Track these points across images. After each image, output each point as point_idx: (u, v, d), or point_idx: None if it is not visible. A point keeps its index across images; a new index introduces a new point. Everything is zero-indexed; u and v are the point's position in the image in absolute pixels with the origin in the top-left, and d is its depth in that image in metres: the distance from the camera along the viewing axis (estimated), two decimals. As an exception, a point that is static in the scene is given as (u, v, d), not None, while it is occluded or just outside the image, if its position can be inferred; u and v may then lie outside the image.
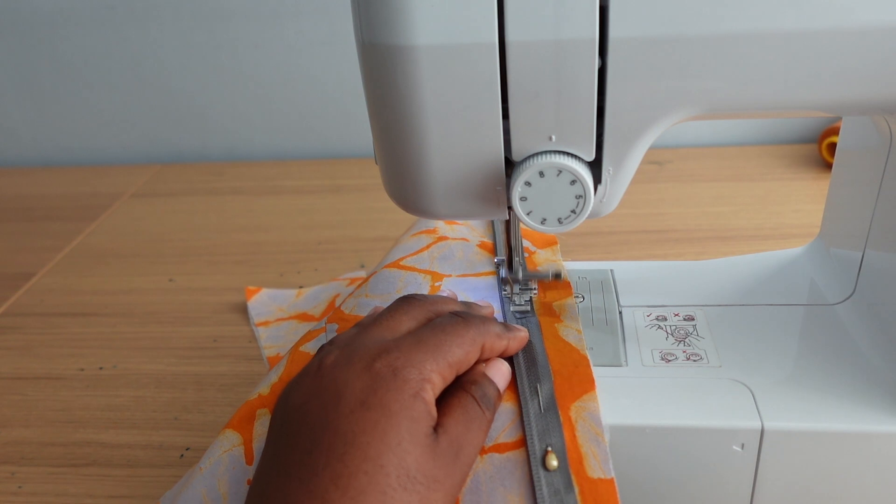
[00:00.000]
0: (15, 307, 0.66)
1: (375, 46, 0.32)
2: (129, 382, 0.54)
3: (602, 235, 0.70)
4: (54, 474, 0.46)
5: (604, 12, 0.30)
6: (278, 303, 0.61)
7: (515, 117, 0.33)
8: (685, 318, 0.44)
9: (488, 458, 0.34)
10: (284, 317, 0.59)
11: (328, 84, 0.94)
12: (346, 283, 0.63)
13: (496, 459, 0.34)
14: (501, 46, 0.31)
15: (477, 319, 0.36)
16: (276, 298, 0.62)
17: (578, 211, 0.35)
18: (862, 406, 0.36)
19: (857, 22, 0.30)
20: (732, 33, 0.30)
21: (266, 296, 0.62)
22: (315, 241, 0.74)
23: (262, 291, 0.63)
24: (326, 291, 0.62)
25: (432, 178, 0.35)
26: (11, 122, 1.00)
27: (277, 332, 0.57)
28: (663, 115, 0.33)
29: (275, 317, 0.60)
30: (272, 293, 0.63)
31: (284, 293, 0.63)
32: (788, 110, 0.34)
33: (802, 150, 0.89)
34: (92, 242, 0.77)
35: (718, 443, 0.36)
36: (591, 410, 0.35)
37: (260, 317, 0.60)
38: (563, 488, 0.33)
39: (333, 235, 0.75)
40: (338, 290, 0.61)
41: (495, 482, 0.33)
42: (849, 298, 0.44)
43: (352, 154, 0.97)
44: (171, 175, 0.94)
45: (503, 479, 0.34)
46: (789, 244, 0.52)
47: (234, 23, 0.91)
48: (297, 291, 0.63)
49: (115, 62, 0.94)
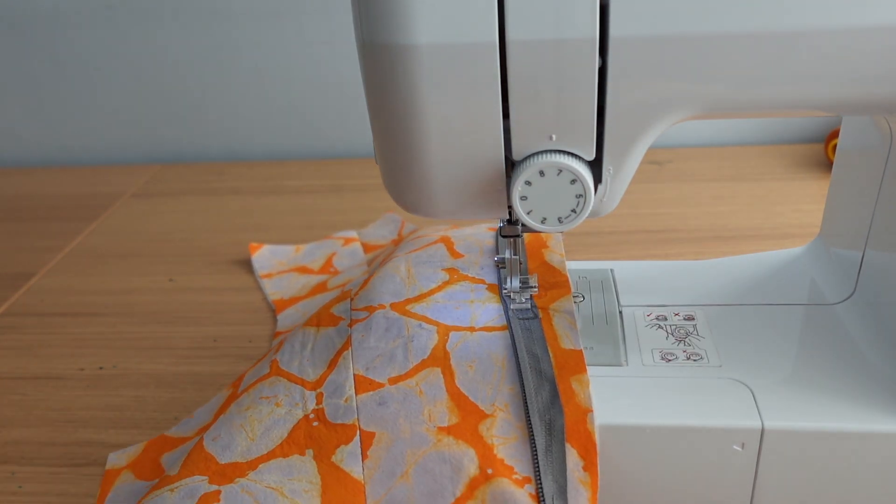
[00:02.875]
0: (15, 307, 0.66)
1: (375, 46, 0.32)
2: (129, 382, 0.54)
3: (602, 235, 0.70)
4: (54, 474, 0.46)
5: (604, 12, 0.30)
6: (279, 257, 0.69)
7: (516, 116, 0.33)
8: (685, 318, 0.44)
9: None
10: (285, 269, 0.67)
11: (328, 84, 0.94)
12: (342, 242, 0.70)
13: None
14: (502, 46, 0.31)
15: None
16: (276, 253, 0.70)
17: (579, 210, 0.35)
18: (862, 406, 0.36)
19: (858, 22, 0.30)
20: (732, 33, 0.30)
21: (268, 251, 0.70)
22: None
23: (265, 247, 0.70)
24: (322, 248, 0.70)
25: (432, 177, 0.35)
26: (12, 122, 1.00)
27: (280, 281, 0.66)
28: (663, 115, 0.33)
29: (276, 269, 0.67)
30: (273, 248, 0.70)
31: (284, 248, 0.71)
32: (788, 110, 0.34)
33: (803, 150, 0.89)
34: (92, 242, 0.77)
35: (718, 443, 0.36)
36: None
37: (263, 269, 0.67)
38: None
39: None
40: (333, 248, 0.70)
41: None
42: (849, 298, 0.44)
43: (352, 154, 0.97)
44: (171, 175, 0.94)
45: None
46: (789, 244, 0.52)
47: (234, 23, 0.91)
48: (296, 247, 0.71)
49: (115, 62, 0.94)
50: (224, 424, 0.42)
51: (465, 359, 0.40)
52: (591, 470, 0.35)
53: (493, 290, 0.45)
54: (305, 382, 0.42)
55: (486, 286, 0.45)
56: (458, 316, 0.43)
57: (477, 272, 0.47)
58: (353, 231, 0.72)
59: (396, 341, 0.41)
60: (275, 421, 0.40)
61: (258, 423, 0.41)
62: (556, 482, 0.35)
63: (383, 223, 0.74)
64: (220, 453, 0.40)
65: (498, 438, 0.36)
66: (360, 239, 0.71)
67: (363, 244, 0.70)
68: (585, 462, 0.35)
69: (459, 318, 0.43)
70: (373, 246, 0.70)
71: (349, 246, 0.70)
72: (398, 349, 0.41)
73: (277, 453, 0.39)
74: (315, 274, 0.66)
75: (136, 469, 0.45)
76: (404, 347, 0.41)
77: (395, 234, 0.71)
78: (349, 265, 0.67)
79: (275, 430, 0.40)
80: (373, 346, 0.42)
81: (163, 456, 0.45)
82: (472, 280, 0.46)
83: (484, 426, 0.36)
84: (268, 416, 0.41)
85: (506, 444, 0.36)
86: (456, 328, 0.42)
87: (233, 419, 0.42)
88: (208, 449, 0.40)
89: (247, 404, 0.42)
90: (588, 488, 0.35)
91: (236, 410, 0.42)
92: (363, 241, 0.71)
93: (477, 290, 0.45)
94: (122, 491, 0.43)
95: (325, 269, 0.66)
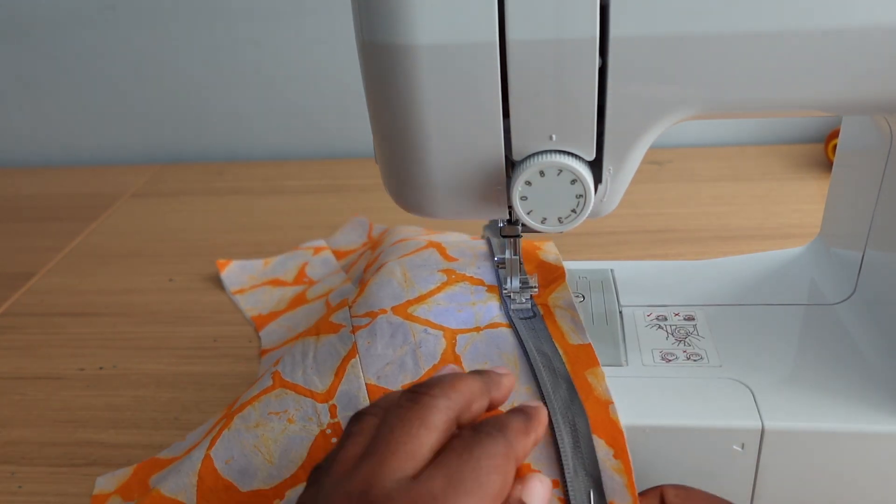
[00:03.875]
0: (15, 307, 0.66)
1: (376, 45, 0.32)
2: (129, 382, 0.54)
3: (602, 235, 0.70)
4: (54, 474, 0.46)
5: (604, 11, 0.30)
6: (249, 272, 0.68)
7: (516, 116, 0.33)
8: (685, 318, 0.44)
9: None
10: (258, 283, 0.66)
11: (328, 84, 0.94)
12: (312, 251, 0.69)
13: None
14: (502, 45, 0.31)
15: (497, 427, 0.31)
16: (245, 268, 0.68)
17: (579, 210, 0.35)
18: (862, 406, 0.36)
19: (857, 22, 0.30)
20: (732, 33, 0.30)
21: (237, 266, 0.68)
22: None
23: (233, 263, 0.68)
24: (293, 259, 0.68)
25: (432, 177, 0.35)
26: (11, 122, 1.00)
27: (254, 296, 0.64)
28: (663, 115, 0.33)
29: (248, 284, 0.66)
30: (242, 264, 0.69)
31: (253, 263, 0.69)
32: (788, 110, 0.34)
33: (803, 149, 0.89)
34: (92, 242, 0.77)
35: (718, 443, 0.36)
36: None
37: (234, 286, 0.66)
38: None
39: (333, 235, 0.75)
40: (304, 258, 0.68)
41: None
42: (849, 298, 0.44)
43: (352, 154, 0.97)
44: (171, 175, 0.94)
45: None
46: (789, 244, 0.52)
47: (235, 22, 0.91)
48: (265, 261, 0.69)
49: (115, 62, 0.94)
50: (234, 444, 0.40)
51: (477, 360, 0.40)
52: (623, 457, 0.35)
53: (492, 290, 0.45)
54: (315, 394, 0.41)
55: (486, 287, 0.45)
56: (462, 319, 0.43)
57: (475, 272, 0.47)
58: (321, 240, 0.71)
59: (404, 348, 0.41)
60: (290, 439, 0.39)
61: (273, 444, 0.39)
62: (591, 475, 0.34)
63: (351, 228, 0.72)
64: (239, 480, 0.38)
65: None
66: (330, 247, 0.70)
67: (334, 251, 0.69)
68: (615, 450, 0.35)
69: (464, 321, 0.42)
70: (343, 252, 0.68)
71: (320, 255, 0.68)
72: (407, 356, 0.40)
73: (301, 477, 0.38)
74: (290, 286, 0.64)
75: (125, 493, 0.44)
76: (413, 354, 0.41)
77: (364, 237, 0.70)
78: (323, 273, 0.65)
79: (293, 449, 0.39)
80: (380, 354, 0.41)
81: (151, 478, 0.44)
82: (471, 280, 0.46)
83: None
84: (281, 433, 0.40)
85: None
86: (462, 331, 0.42)
87: (243, 438, 0.40)
88: (225, 476, 0.39)
89: (255, 420, 0.41)
90: (623, 475, 0.35)
91: (244, 427, 0.41)
92: (333, 248, 0.69)
93: (477, 292, 0.45)
94: None
95: (299, 280, 0.65)
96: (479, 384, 0.33)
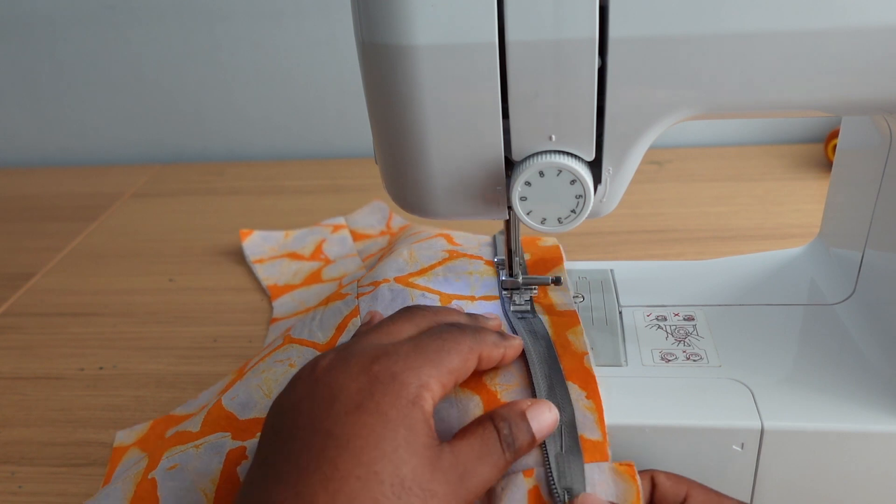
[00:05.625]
0: (15, 307, 0.66)
1: (375, 46, 0.32)
2: (129, 382, 0.54)
3: (602, 235, 0.70)
4: (54, 474, 0.46)
5: (604, 12, 0.30)
6: (270, 243, 0.71)
7: (515, 117, 0.33)
8: (685, 318, 0.44)
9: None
10: (276, 255, 0.69)
11: (328, 84, 0.94)
12: (331, 229, 0.72)
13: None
14: (501, 46, 0.31)
15: (472, 329, 0.36)
16: (267, 239, 0.71)
17: (578, 211, 0.35)
18: (862, 406, 0.36)
19: (857, 22, 0.30)
20: (732, 33, 0.30)
21: (259, 237, 0.72)
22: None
23: (255, 233, 0.72)
24: (312, 235, 0.72)
25: (432, 177, 0.35)
26: (12, 122, 1.00)
27: (273, 267, 0.67)
28: (663, 115, 0.33)
29: (268, 255, 0.69)
30: (264, 234, 0.72)
31: (274, 234, 0.72)
32: (788, 110, 0.34)
33: (803, 150, 0.89)
34: (92, 242, 0.77)
35: (718, 443, 0.36)
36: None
37: (255, 255, 0.69)
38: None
39: (333, 235, 0.75)
40: (322, 235, 0.71)
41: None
42: (849, 298, 0.44)
43: (352, 154, 0.97)
44: (171, 175, 0.94)
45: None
46: (789, 244, 0.52)
47: (234, 23, 0.91)
48: (286, 233, 0.72)
49: (115, 62, 0.94)
50: (241, 386, 0.44)
51: None
52: (595, 398, 0.36)
53: (489, 264, 0.47)
54: (317, 345, 0.44)
55: (484, 261, 0.48)
56: (458, 286, 0.45)
57: (475, 252, 0.50)
58: (341, 217, 0.74)
59: None
60: (290, 379, 0.42)
61: (274, 383, 0.42)
62: (564, 412, 0.35)
63: (370, 211, 0.75)
64: (239, 411, 0.42)
65: (501, 386, 0.37)
66: (349, 226, 0.73)
67: (352, 231, 0.72)
68: (588, 392, 0.37)
69: (459, 289, 0.45)
70: (361, 234, 0.71)
71: (338, 233, 0.71)
72: None
73: None
74: (306, 260, 0.68)
75: (143, 445, 0.47)
76: None
77: (382, 223, 0.73)
78: (339, 253, 0.69)
79: None
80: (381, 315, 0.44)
81: (168, 431, 0.46)
82: (470, 257, 0.49)
83: (488, 377, 0.38)
84: (282, 374, 0.43)
85: (508, 389, 0.37)
86: (457, 297, 0.44)
87: (249, 381, 0.44)
88: (228, 408, 0.42)
89: (262, 369, 0.44)
90: (594, 412, 0.36)
91: (252, 374, 0.44)
92: (351, 228, 0.73)
93: (475, 263, 0.48)
94: (130, 465, 0.44)
95: (315, 256, 0.68)
96: (501, 340, 0.37)
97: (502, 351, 0.36)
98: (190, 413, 0.48)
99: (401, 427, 0.29)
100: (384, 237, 0.70)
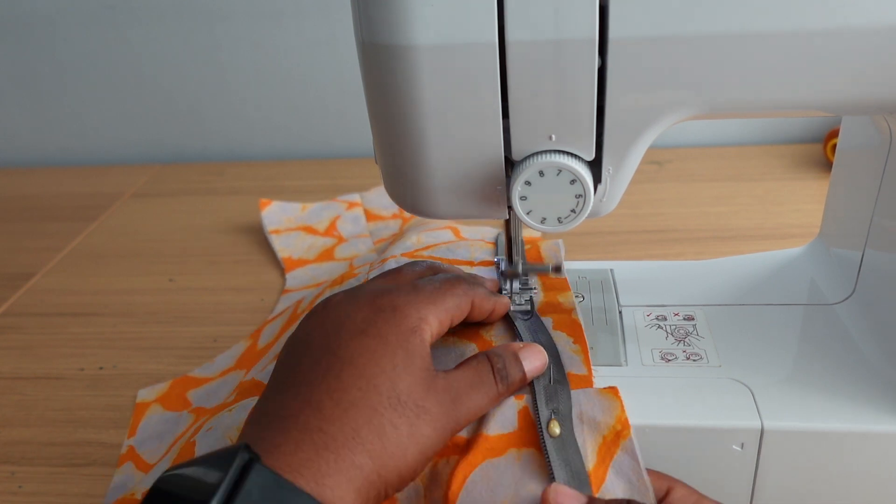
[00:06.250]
0: (15, 307, 0.66)
1: (375, 46, 0.32)
2: (129, 382, 0.54)
3: (602, 235, 0.70)
4: (54, 474, 0.46)
5: (603, 12, 0.30)
6: (287, 213, 0.74)
7: (515, 117, 0.33)
8: (685, 318, 0.44)
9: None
10: (292, 227, 0.73)
11: (328, 84, 0.94)
12: (346, 206, 0.75)
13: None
14: (501, 46, 0.31)
15: (467, 278, 0.40)
16: (285, 210, 0.75)
17: (578, 210, 0.35)
18: (862, 406, 0.36)
19: (858, 22, 0.30)
20: (732, 33, 0.30)
21: (277, 207, 0.75)
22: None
23: (274, 203, 0.75)
24: (327, 210, 0.75)
25: (432, 177, 0.36)
26: (12, 122, 1.00)
27: (288, 239, 0.71)
28: (663, 115, 0.33)
29: (284, 226, 0.73)
30: (281, 205, 0.76)
31: (292, 205, 0.76)
32: (788, 110, 0.34)
33: (803, 150, 0.89)
34: (92, 242, 0.77)
35: (718, 443, 0.36)
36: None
37: (272, 225, 0.73)
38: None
39: (333, 235, 0.75)
40: (337, 211, 0.75)
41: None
42: (849, 298, 0.44)
43: (352, 154, 0.97)
44: (171, 175, 0.94)
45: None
46: (789, 244, 0.52)
47: (234, 23, 0.91)
48: (303, 206, 0.76)
49: (115, 62, 0.94)
50: (267, 360, 0.47)
51: None
52: (581, 343, 0.39)
53: (491, 244, 0.51)
54: None
55: (484, 241, 0.52)
56: (458, 254, 0.50)
57: (480, 237, 0.54)
58: (357, 195, 0.77)
59: None
60: None
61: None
62: (550, 354, 0.38)
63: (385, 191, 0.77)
64: (267, 379, 0.44)
65: (495, 336, 0.40)
66: (363, 204, 0.75)
67: (366, 210, 0.74)
68: (574, 338, 0.40)
69: (460, 255, 0.50)
70: (374, 215, 0.74)
71: (352, 211, 0.74)
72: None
73: None
74: (320, 235, 0.71)
75: (165, 402, 0.50)
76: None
77: (395, 206, 0.75)
78: (352, 232, 0.72)
79: None
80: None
81: (188, 392, 0.51)
82: (473, 241, 0.53)
83: (483, 329, 0.41)
84: None
85: (501, 339, 0.40)
86: (458, 262, 0.48)
87: (270, 357, 0.48)
88: (258, 378, 0.46)
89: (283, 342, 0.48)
90: (580, 354, 0.39)
91: (276, 349, 0.48)
92: (366, 206, 0.75)
93: (475, 242, 0.52)
94: (153, 420, 0.49)
95: (329, 232, 0.72)
96: (491, 294, 0.41)
97: (493, 302, 0.40)
98: (207, 377, 0.52)
99: (399, 350, 0.33)
100: (396, 220, 0.73)
